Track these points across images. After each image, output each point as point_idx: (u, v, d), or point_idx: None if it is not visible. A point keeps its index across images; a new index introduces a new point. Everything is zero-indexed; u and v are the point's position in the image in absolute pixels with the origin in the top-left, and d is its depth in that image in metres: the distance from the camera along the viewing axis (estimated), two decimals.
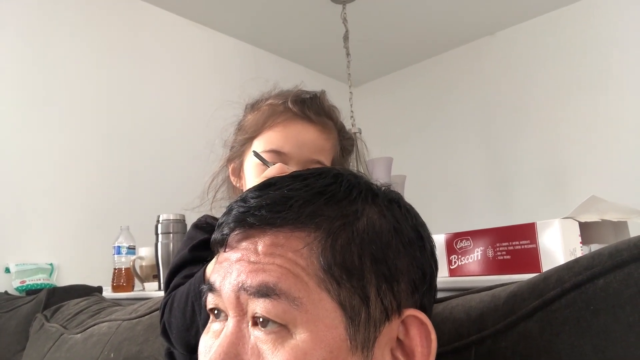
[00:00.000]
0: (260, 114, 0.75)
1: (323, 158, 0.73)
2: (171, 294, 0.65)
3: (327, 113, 0.76)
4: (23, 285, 1.55)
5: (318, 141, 0.73)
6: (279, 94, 0.78)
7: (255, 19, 2.35)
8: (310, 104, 0.74)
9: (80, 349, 1.05)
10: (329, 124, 0.76)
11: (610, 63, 2.22)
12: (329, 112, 0.77)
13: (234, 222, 0.41)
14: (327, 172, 0.43)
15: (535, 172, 2.40)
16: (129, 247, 1.54)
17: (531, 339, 0.43)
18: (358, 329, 0.38)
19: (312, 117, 0.73)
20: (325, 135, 0.74)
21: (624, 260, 0.40)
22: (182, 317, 0.61)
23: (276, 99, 0.76)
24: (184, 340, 0.61)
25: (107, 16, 2.01)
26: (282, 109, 0.73)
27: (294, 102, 0.73)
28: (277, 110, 0.74)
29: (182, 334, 0.61)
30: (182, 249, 0.72)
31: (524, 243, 0.81)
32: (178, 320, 0.61)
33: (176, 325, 0.62)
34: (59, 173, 1.76)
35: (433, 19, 2.45)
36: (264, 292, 0.37)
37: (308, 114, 0.73)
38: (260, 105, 0.77)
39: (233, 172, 0.80)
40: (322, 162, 0.73)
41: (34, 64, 1.76)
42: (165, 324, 0.64)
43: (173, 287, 0.66)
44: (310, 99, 0.75)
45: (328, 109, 0.77)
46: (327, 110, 0.77)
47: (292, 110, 0.73)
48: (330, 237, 0.39)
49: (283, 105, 0.74)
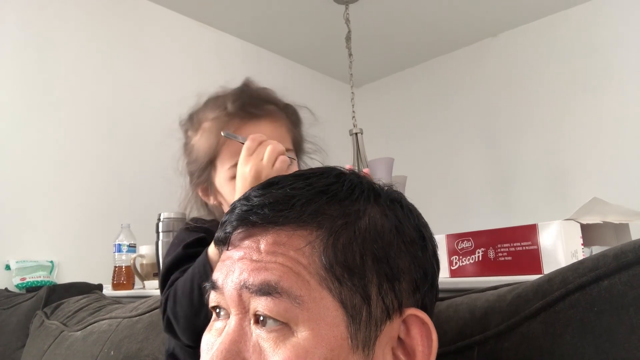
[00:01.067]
0: (208, 134, 0.72)
1: (286, 144, 0.72)
2: (172, 287, 0.64)
3: (266, 99, 0.74)
4: (23, 283, 1.55)
5: (274, 132, 0.71)
6: (211, 104, 0.75)
7: (258, 19, 2.36)
8: (248, 99, 0.72)
9: (80, 347, 1.05)
10: (273, 110, 0.74)
11: (613, 65, 2.22)
12: (266, 97, 0.75)
13: (236, 221, 0.41)
14: (329, 171, 0.44)
15: (536, 173, 2.41)
16: (129, 245, 1.54)
17: (534, 340, 0.43)
18: (359, 327, 0.38)
19: (256, 112, 0.71)
20: (277, 122, 0.73)
21: (629, 261, 0.40)
22: (189, 303, 0.60)
23: (212, 109, 0.73)
24: (192, 327, 0.61)
25: (110, 15, 2.01)
26: (227, 119, 0.71)
27: (234, 106, 0.71)
28: (223, 122, 0.71)
29: (191, 321, 0.60)
30: (173, 250, 0.71)
31: (525, 244, 0.81)
32: (185, 308, 0.61)
33: (183, 314, 0.61)
34: (60, 170, 1.76)
35: (435, 20, 2.45)
36: (265, 290, 0.37)
37: (252, 111, 0.71)
38: (201, 122, 0.74)
39: (204, 193, 0.78)
40: (288, 147, 0.72)
41: (36, 62, 1.76)
42: (170, 317, 0.64)
43: (172, 282, 0.65)
44: (245, 94, 0.73)
45: (264, 95, 0.75)
46: (264, 96, 0.75)
47: (234, 114, 0.71)
48: (332, 236, 0.39)
49: (225, 114, 0.71)
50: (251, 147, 0.63)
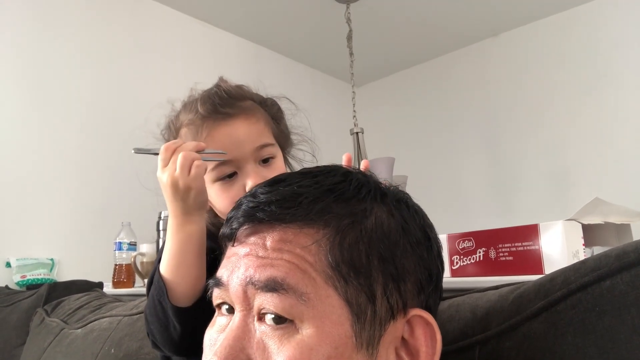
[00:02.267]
0: (185, 140, 0.70)
1: (266, 139, 0.70)
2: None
3: (239, 96, 0.72)
4: (24, 280, 1.55)
5: (251, 129, 0.70)
6: (184, 108, 0.73)
7: (258, 17, 2.35)
8: (219, 99, 0.70)
9: (80, 344, 1.05)
10: (248, 106, 0.72)
11: (615, 65, 2.22)
12: (239, 94, 0.73)
13: (243, 217, 0.41)
14: (336, 169, 0.44)
15: (537, 173, 2.40)
16: (130, 244, 1.54)
17: (536, 340, 0.43)
18: (364, 326, 0.38)
19: (230, 110, 0.69)
20: (253, 118, 0.71)
21: (631, 262, 0.40)
22: (157, 320, 0.61)
23: (186, 114, 0.72)
24: (168, 341, 0.61)
25: (109, 12, 2.00)
26: (200, 122, 0.69)
27: (205, 108, 0.69)
28: (196, 127, 0.69)
29: (164, 336, 0.61)
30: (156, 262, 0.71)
31: (527, 244, 0.81)
32: (156, 325, 0.61)
33: (157, 330, 0.62)
34: (61, 168, 1.76)
35: (436, 20, 2.45)
36: (271, 286, 0.37)
37: (224, 110, 0.69)
38: (178, 129, 0.73)
39: None
40: (267, 142, 0.70)
41: (36, 60, 1.76)
42: (150, 336, 0.64)
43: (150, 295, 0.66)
44: (216, 95, 0.71)
45: (237, 93, 0.73)
46: (237, 94, 0.72)
47: (207, 117, 0.69)
48: (338, 235, 0.39)
49: (198, 117, 0.69)
50: (165, 157, 0.61)
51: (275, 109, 0.77)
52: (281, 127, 0.77)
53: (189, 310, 0.59)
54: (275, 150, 0.72)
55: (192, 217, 0.60)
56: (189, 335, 0.58)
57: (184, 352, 0.62)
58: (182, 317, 0.58)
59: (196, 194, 0.59)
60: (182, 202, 0.59)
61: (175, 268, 0.59)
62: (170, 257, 0.60)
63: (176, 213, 0.60)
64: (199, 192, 0.59)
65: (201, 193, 0.60)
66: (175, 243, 0.60)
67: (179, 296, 0.59)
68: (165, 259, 0.60)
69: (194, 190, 0.59)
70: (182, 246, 0.60)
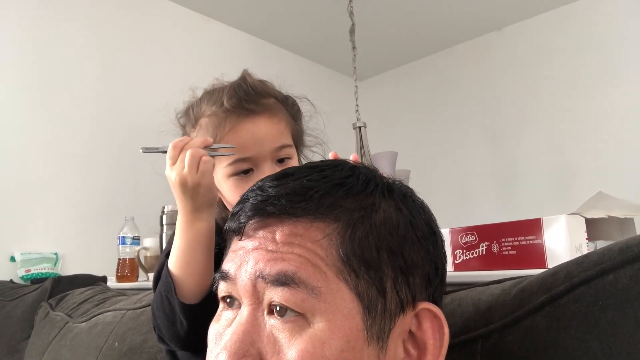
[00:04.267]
0: (204, 131, 0.70)
1: (285, 140, 0.71)
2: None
3: (263, 93, 0.72)
4: (28, 274, 1.56)
5: (273, 129, 0.70)
6: (208, 98, 0.73)
7: (261, 12, 2.34)
8: (245, 95, 0.69)
9: (84, 338, 1.06)
10: (271, 104, 0.72)
11: (619, 59, 2.21)
12: (264, 91, 0.73)
13: (252, 211, 0.41)
14: (343, 164, 0.44)
15: (541, 167, 2.40)
16: (133, 238, 1.54)
17: (538, 333, 0.43)
18: (374, 320, 0.38)
19: (254, 107, 0.69)
20: (276, 117, 0.71)
21: (634, 256, 0.40)
22: (164, 315, 0.61)
23: (210, 106, 0.71)
24: (175, 336, 0.61)
25: (112, 7, 2.00)
26: (224, 115, 0.69)
27: (231, 103, 0.69)
28: (219, 119, 0.69)
29: (171, 331, 0.61)
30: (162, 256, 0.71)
31: (530, 238, 0.81)
32: (162, 320, 0.62)
33: (164, 325, 0.62)
34: (65, 163, 1.76)
35: (440, 14, 2.44)
36: (282, 280, 0.37)
37: (249, 107, 0.69)
38: (198, 119, 0.73)
39: None
40: (286, 143, 0.70)
41: (39, 55, 1.76)
42: (156, 330, 0.65)
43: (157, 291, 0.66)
44: (242, 89, 0.70)
45: (261, 89, 0.72)
46: (261, 91, 0.72)
47: (232, 111, 0.69)
48: (349, 229, 0.39)
49: (222, 111, 0.69)
50: (173, 155, 0.61)
51: (295, 109, 0.77)
52: (299, 128, 0.78)
53: (196, 306, 0.59)
54: (292, 151, 0.73)
55: (202, 214, 0.60)
56: (196, 331, 0.58)
57: (190, 347, 0.63)
58: (189, 314, 0.58)
59: (205, 190, 0.59)
60: (192, 200, 0.59)
61: (184, 265, 0.60)
62: (179, 254, 0.60)
63: (185, 211, 0.60)
64: (208, 188, 0.59)
65: (210, 189, 0.60)
66: (185, 240, 0.60)
67: (187, 293, 0.59)
68: (174, 255, 0.61)
69: (202, 187, 0.59)
70: (191, 243, 0.60)
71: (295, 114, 0.77)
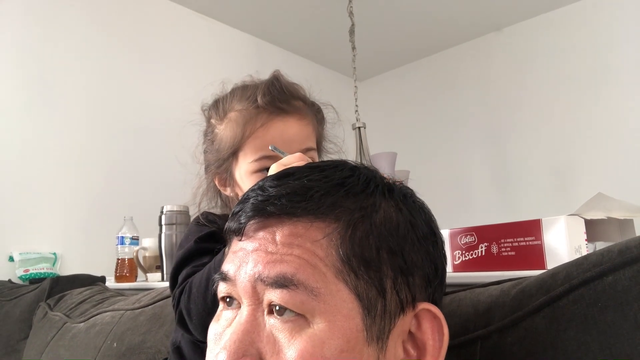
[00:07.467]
0: (234, 124, 0.71)
1: (311, 143, 0.72)
2: (186, 282, 0.64)
3: (295, 95, 0.73)
4: (27, 274, 1.56)
5: (302, 131, 0.71)
6: (239, 94, 0.74)
7: (260, 11, 2.34)
8: (278, 94, 0.71)
9: (83, 338, 1.06)
10: (301, 106, 0.73)
11: (618, 60, 2.21)
12: (296, 93, 0.74)
13: (252, 211, 0.41)
14: (343, 164, 0.44)
15: (540, 168, 2.40)
16: (132, 238, 1.54)
17: (537, 335, 0.43)
18: (374, 320, 0.38)
19: (286, 107, 0.70)
20: (305, 120, 0.72)
21: (634, 257, 0.39)
22: (203, 303, 0.61)
23: (241, 101, 0.72)
24: (205, 325, 0.61)
25: (112, 8, 2.00)
26: (255, 112, 0.70)
27: (265, 100, 0.70)
28: (250, 115, 0.70)
29: (204, 319, 0.61)
30: (185, 243, 0.71)
31: (529, 239, 0.80)
32: (199, 306, 0.61)
33: (197, 311, 0.61)
34: (64, 163, 1.76)
35: (439, 14, 2.44)
36: (281, 282, 0.37)
37: (281, 106, 0.70)
38: (227, 112, 0.73)
39: (221, 183, 0.77)
40: (312, 146, 0.72)
41: (38, 56, 1.76)
42: (184, 312, 0.64)
43: (186, 277, 0.65)
44: (275, 89, 0.72)
45: (293, 91, 0.74)
46: (293, 92, 0.74)
47: (265, 109, 0.70)
48: (349, 229, 0.39)
49: (255, 107, 0.70)
50: (289, 162, 0.61)
51: (320, 116, 0.79)
52: (322, 134, 0.79)
53: None
54: (315, 155, 0.74)
55: None
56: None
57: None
58: None
59: None
60: None
61: None
62: None
63: None
64: None
65: None
66: None
67: None
68: None
69: None
70: None
71: (320, 119, 0.79)
